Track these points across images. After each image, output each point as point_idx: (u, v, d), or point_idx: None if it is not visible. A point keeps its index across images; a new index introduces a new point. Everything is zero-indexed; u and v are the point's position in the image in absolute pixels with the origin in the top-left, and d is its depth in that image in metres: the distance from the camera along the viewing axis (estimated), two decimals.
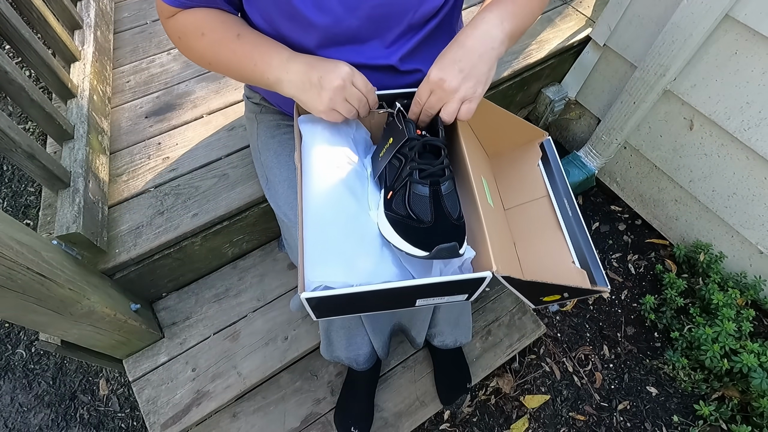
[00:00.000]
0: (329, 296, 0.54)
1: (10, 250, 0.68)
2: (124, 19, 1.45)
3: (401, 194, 0.62)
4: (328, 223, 0.62)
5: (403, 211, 0.62)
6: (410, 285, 0.55)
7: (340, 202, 0.64)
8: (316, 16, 0.64)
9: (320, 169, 0.66)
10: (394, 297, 0.58)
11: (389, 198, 0.64)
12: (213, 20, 0.68)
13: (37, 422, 1.30)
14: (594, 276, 0.62)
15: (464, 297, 0.61)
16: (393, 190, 0.64)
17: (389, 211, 0.63)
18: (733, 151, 1.20)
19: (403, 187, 0.63)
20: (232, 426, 1.09)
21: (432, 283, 0.55)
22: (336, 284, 0.56)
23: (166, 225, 1.03)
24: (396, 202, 0.63)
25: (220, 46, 0.68)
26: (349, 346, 0.98)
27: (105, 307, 0.89)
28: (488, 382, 1.29)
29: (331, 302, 0.56)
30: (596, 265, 0.63)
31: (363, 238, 0.63)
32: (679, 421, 1.24)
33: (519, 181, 0.77)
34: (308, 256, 0.59)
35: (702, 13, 1.06)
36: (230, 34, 0.67)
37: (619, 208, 1.63)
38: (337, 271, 0.58)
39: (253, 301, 1.18)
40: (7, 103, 1.92)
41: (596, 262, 0.64)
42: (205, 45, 0.69)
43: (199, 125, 1.20)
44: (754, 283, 1.30)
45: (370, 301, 0.58)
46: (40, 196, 1.58)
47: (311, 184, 0.65)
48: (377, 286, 0.54)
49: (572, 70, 1.55)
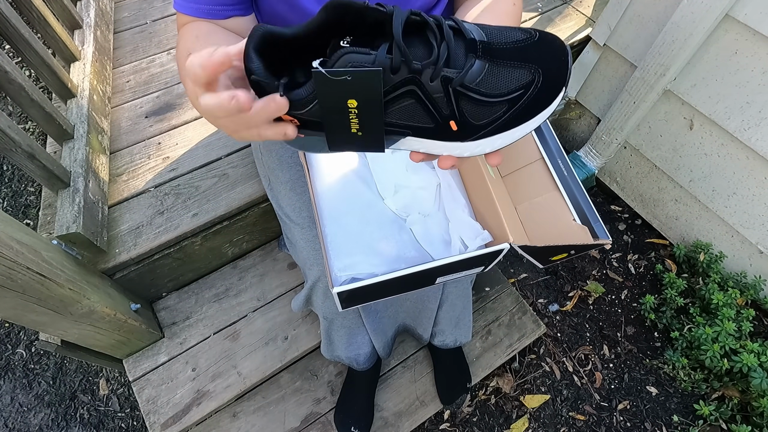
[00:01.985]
0: (358, 288, 0.55)
1: (10, 250, 0.68)
2: (124, 19, 1.45)
3: (466, 106, 0.40)
4: (345, 215, 0.62)
5: (495, 110, 0.41)
6: (432, 267, 0.55)
7: (353, 192, 0.64)
8: (315, 8, 0.63)
9: (328, 162, 0.66)
10: (416, 279, 0.59)
11: (457, 129, 0.41)
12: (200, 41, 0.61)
13: (37, 422, 1.30)
14: (595, 230, 0.64)
15: (481, 269, 0.62)
16: (453, 119, 0.41)
17: (480, 132, 0.42)
18: (733, 150, 1.20)
19: (460, 99, 0.40)
20: (232, 426, 1.09)
21: (452, 262, 0.56)
22: (362, 275, 0.57)
23: (166, 225, 1.03)
24: (473, 116, 0.41)
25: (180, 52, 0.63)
26: (350, 345, 0.98)
27: (105, 306, 0.89)
28: (488, 382, 1.29)
29: (360, 293, 0.57)
30: (596, 219, 0.65)
31: (382, 225, 0.63)
32: (679, 420, 1.24)
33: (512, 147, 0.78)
34: (331, 250, 0.60)
35: (702, 12, 1.06)
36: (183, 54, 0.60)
37: (619, 207, 1.63)
38: (362, 261, 0.59)
39: (253, 300, 1.18)
40: (7, 103, 1.92)
41: (595, 216, 0.65)
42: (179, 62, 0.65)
43: (199, 125, 1.20)
44: (754, 283, 1.30)
45: (394, 286, 0.59)
46: (40, 196, 1.58)
47: (321, 179, 0.65)
48: (402, 272, 0.55)
49: (572, 69, 1.55)
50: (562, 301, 1.45)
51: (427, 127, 0.41)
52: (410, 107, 0.40)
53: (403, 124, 0.41)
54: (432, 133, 0.42)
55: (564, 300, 1.45)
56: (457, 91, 0.39)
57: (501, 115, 0.41)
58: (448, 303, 1.01)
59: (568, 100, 1.61)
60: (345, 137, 0.41)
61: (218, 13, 0.62)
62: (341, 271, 0.58)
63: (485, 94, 0.39)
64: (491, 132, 0.42)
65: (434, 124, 0.41)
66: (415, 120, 0.41)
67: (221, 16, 0.62)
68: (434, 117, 0.40)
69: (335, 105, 0.37)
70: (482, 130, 0.41)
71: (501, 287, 1.33)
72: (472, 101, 0.40)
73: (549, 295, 1.46)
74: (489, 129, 0.42)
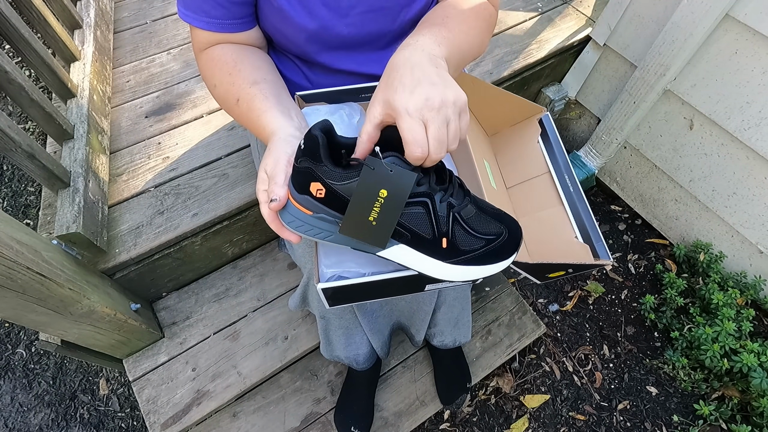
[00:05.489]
0: (343, 286, 0.56)
1: (10, 250, 0.68)
2: (124, 19, 1.45)
3: (458, 231, 0.51)
4: None
5: (475, 243, 0.52)
6: (420, 273, 0.56)
7: None
8: (306, 22, 0.65)
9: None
10: (404, 284, 0.59)
11: (446, 247, 0.51)
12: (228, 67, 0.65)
13: (37, 422, 1.30)
14: (596, 250, 0.63)
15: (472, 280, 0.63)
16: (446, 237, 0.51)
17: (460, 257, 0.52)
18: (733, 150, 1.20)
19: (454, 224, 0.51)
20: (232, 426, 1.09)
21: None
22: (349, 274, 0.58)
23: (166, 225, 1.03)
24: (460, 241, 0.52)
25: (226, 104, 0.67)
26: (348, 345, 0.98)
27: (105, 306, 0.89)
28: (488, 382, 1.29)
29: (345, 291, 0.58)
30: (598, 238, 0.64)
31: None
32: (679, 420, 1.24)
33: (519, 158, 0.77)
34: (321, 247, 0.61)
35: (702, 12, 1.06)
36: (232, 97, 0.64)
37: (619, 207, 1.63)
38: (350, 260, 0.59)
39: (253, 300, 1.18)
40: (7, 103, 1.92)
41: (598, 235, 0.65)
42: (217, 95, 0.68)
43: (199, 125, 1.20)
44: (754, 283, 1.30)
45: (381, 288, 0.59)
46: (40, 196, 1.58)
47: None
48: (389, 275, 0.56)
49: (572, 69, 1.55)
50: (562, 301, 1.45)
51: (424, 237, 0.50)
52: (418, 215, 0.49)
53: (408, 227, 0.50)
54: (426, 244, 0.51)
55: (564, 300, 1.45)
56: (455, 217, 0.51)
57: (478, 249, 0.52)
58: (447, 304, 1.01)
59: (569, 100, 1.62)
60: (360, 222, 0.48)
61: (231, 27, 0.65)
62: (328, 268, 0.59)
63: (472, 228, 0.52)
64: (468, 261, 0.52)
65: (431, 236, 0.50)
66: (418, 227, 0.50)
67: (234, 30, 0.66)
68: (433, 229, 0.50)
69: (369, 189, 0.45)
70: (462, 255, 0.52)
71: (501, 287, 1.33)
72: (463, 230, 0.51)
73: (549, 295, 1.46)
74: (467, 257, 0.52)
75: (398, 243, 0.52)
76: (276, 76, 0.67)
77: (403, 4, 0.67)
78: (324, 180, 0.46)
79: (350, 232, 0.49)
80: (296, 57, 0.74)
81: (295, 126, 0.57)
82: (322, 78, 0.75)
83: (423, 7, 0.69)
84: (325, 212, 0.49)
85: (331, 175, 0.46)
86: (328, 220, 0.50)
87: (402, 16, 0.69)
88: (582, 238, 0.65)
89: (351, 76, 0.75)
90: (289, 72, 0.76)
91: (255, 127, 0.61)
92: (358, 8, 0.65)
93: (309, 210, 0.49)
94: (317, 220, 0.50)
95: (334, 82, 0.74)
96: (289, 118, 0.58)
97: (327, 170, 0.46)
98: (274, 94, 0.62)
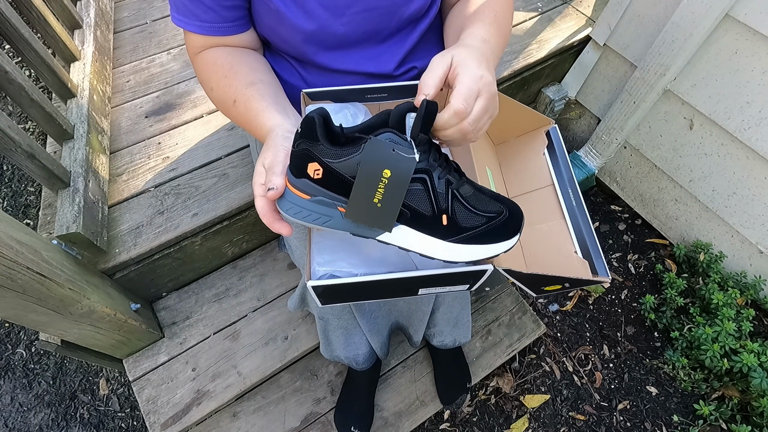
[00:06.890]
0: (334, 285, 0.55)
1: (10, 249, 0.68)
2: (124, 19, 1.45)
3: (457, 207, 0.51)
4: None
5: (476, 220, 0.52)
6: (413, 276, 0.55)
7: None
8: (303, 23, 0.65)
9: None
10: (397, 286, 0.59)
11: (447, 224, 0.51)
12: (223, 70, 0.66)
13: (37, 422, 1.30)
14: (595, 266, 0.63)
15: (465, 287, 0.62)
16: (446, 214, 0.51)
17: (461, 234, 0.52)
18: (733, 150, 1.20)
19: (453, 200, 0.51)
20: (232, 425, 1.10)
21: (434, 274, 0.56)
22: (341, 272, 0.57)
23: (166, 225, 1.03)
24: (460, 218, 0.51)
25: (223, 106, 0.67)
26: (348, 345, 0.98)
27: (105, 306, 0.89)
28: (488, 382, 1.29)
29: (336, 290, 0.57)
30: (598, 255, 0.64)
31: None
32: (679, 420, 1.24)
33: (524, 169, 0.77)
34: (315, 245, 0.61)
35: (702, 12, 1.06)
36: (229, 98, 0.65)
37: (619, 207, 1.63)
38: (342, 259, 0.59)
39: (253, 300, 1.18)
40: (7, 103, 1.92)
41: (598, 251, 0.64)
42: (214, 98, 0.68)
43: (199, 125, 1.20)
44: (754, 283, 1.30)
45: (374, 289, 0.59)
46: (40, 196, 1.58)
47: None
48: (381, 276, 0.55)
49: (572, 69, 1.55)
50: (562, 301, 1.45)
51: (424, 214, 0.50)
52: (418, 192, 0.49)
53: (407, 203, 0.49)
54: (426, 222, 0.50)
55: (564, 300, 1.45)
56: (454, 194, 0.51)
57: (479, 226, 0.51)
58: (446, 304, 1.01)
59: (569, 100, 1.62)
60: (365, 206, 0.47)
61: (222, 31, 0.66)
62: (320, 266, 0.59)
63: (472, 206, 0.52)
64: (469, 240, 0.51)
65: (431, 213, 0.50)
66: (417, 204, 0.49)
67: (226, 33, 0.66)
68: (433, 206, 0.50)
69: (373, 170, 0.45)
70: (464, 233, 0.51)
71: (501, 287, 1.33)
72: (462, 207, 0.51)
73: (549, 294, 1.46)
74: (468, 235, 0.51)
75: (398, 224, 0.51)
76: (272, 77, 0.68)
77: (401, 3, 0.67)
78: (321, 159, 0.46)
79: (356, 217, 0.48)
80: (292, 58, 0.74)
81: (293, 123, 0.58)
82: (317, 78, 0.75)
83: (422, 5, 0.69)
84: (323, 194, 0.48)
85: (328, 154, 0.46)
86: (327, 203, 0.49)
87: (400, 14, 0.68)
88: (582, 253, 0.65)
89: (348, 75, 0.75)
90: (284, 73, 0.76)
91: (253, 126, 0.61)
92: (354, 7, 0.65)
93: (307, 194, 0.48)
94: (315, 204, 0.49)
95: (330, 82, 0.74)
96: (287, 116, 0.59)
97: (324, 149, 0.46)
98: (271, 94, 0.62)
